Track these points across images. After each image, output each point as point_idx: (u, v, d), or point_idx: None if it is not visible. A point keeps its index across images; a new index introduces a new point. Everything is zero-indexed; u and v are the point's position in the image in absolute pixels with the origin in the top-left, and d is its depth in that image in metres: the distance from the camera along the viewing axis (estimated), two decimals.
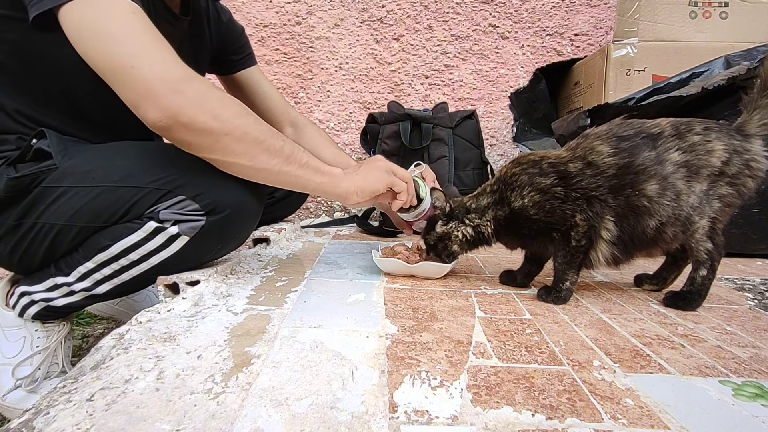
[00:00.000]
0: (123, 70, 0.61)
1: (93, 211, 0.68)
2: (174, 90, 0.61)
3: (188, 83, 0.62)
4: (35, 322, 0.77)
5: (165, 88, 0.61)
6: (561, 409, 0.41)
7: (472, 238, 0.79)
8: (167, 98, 0.61)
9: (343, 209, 1.79)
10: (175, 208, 0.68)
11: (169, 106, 0.61)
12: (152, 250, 0.70)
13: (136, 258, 0.70)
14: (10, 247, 0.72)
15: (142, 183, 0.68)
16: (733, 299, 0.77)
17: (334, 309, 0.66)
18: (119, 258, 0.70)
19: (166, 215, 0.68)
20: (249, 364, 0.48)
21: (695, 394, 0.45)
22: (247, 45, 1.10)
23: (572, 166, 0.70)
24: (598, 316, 0.67)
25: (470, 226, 0.78)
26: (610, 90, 1.34)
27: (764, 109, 0.68)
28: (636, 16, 1.33)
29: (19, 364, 0.75)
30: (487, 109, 1.77)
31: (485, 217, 0.77)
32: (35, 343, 0.76)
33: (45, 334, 0.77)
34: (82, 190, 0.68)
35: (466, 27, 1.73)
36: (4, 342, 0.76)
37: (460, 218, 0.80)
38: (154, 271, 0.71)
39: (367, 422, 0.38)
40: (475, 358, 0.51)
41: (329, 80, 1.76)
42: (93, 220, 0.69)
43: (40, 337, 0.77)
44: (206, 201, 0.68)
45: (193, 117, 0.62)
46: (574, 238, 0.69)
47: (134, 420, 0.37)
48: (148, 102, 0.61)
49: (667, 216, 0.67)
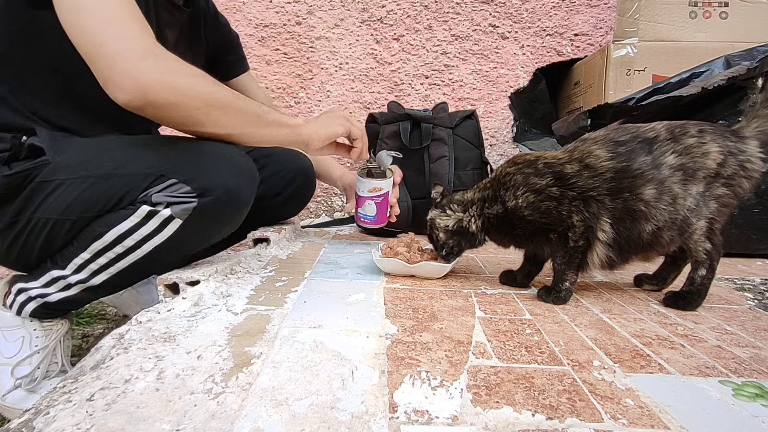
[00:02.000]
0: (93, 48, 0.63)
1: (87, 202, 0.69)
2: (138, 68, 0.62)
3: (151, 61, 0.63)
4: (33, 321, 0.77)
5: (129, 67, 0.62)
6: (561, 409, 0.41)
7: (457, 229, 0.79)
8: (132, 77, 0.62)
9: (343, 209, 1.79)
10: (167, 192, 0.69)
11: (134, 85, 0.62)
12: (146, 235, 0.70)
13: (131, 244, 0.70)
14: (7, 243, 0.73)
15: (135, 170, 0.69)
16: (733, 299, 0.77)
17: (334, 309, 0.66)
18: (114, 245, 0.70)
19: (158, 198, 0.69)
20: (249, 364, 0.48)
21: (695, 394, 0.45)
22: (241, 49, 1.12)
23: (569, 168, 0.70)
24: (598, 316, 0.67)
25: (453, 217, 0.79)
26: (610, 90, 1.34)
27: (763, 118, 0.69)
28: (636, 16, 1.33)
29: (18, 363, 0.75)
30: (487, 109, 1.77)
31: (469, 211, 0.77)
32: (34, 342, 0.76)
33: (44, 333, 0.77)
34: (75, 182, 0.69)
35: (466, 27, 1.73)
36: (3, 342, 0.76)
37: (442, 207, 0.81)
38: (149, 260, 0.72)
39: (367, 422, 0.38)
40: (475, 358, 0.51)
41: (329, 80, 1.76)
42: (87, 211, 0.69)
43: (39, 336, 0.77)
44: (198, 183, 0.69)
45: (159, 94, 0.64)
46: (572, 239, 0.69)
47: (134, 420, 0.37)
48: (115, 83, 0.63)
49: (663, 220, 0.68)
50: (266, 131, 0.78)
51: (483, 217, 0.77)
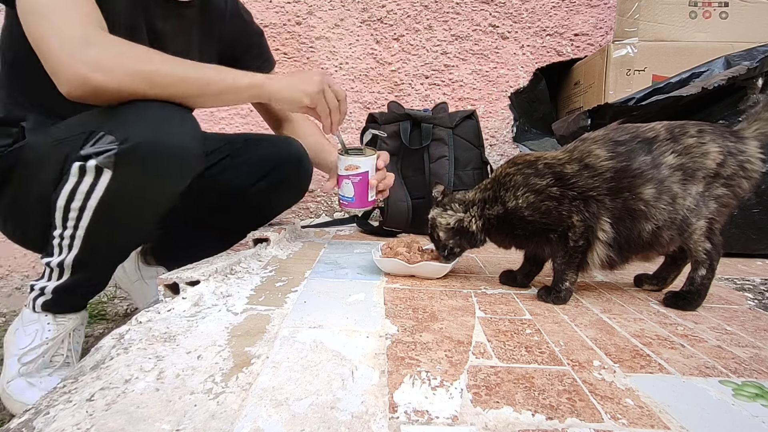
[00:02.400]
0: (37, 45, 0.66)
1: (50, 173, 0.71)
2: (74, 60, 0.64)
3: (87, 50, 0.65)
4: (48, 315, 0.79)
5: (66, 59, 0.64)
6: (561, 409, 0.41)
7: (456, 228, 0.79)
8: (69, 69, 0.64)
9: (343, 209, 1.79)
10: (95, 146, 0.69)
11: (72, 77, 0.64)
12: (86, 192, 0.70)
13: (79, 206, 0.71)
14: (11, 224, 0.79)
15: (75, 131, 0.71)
16: (733, 299, 0.77)
17: (334, 309, 0.66)
18: (68, 212, 0.71)
19: (86, 151, 0.69)
20: (249, 364, 0.48)
21: (695, 394, 0.45)
22: (261, 48, 1.11)
23: (569, 168, 0.70)
24: (598, 316, 0.67)
25: (454, 216, 0.79)
26: (610, 90, 1.34)
27: (764, 121, 0.69)
28: (636, 16, 1.33)
29: (26, 352, 0.77)
30: (487, 109, 1.77)
31: (470, 211, 0.78)
32: (45, 335, 0.79)
33: (55, 326, 0.79)
34: (38, 156, 0.73)
35: (466, 27, 1.73)
36: (21, 336, 0.79)
37: (443, 206, 0.80)
38: (107, 222, 0.72)
39: (367, 422, 0.38)
40: (475, 358, 0.51)
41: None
42: (48, 184, 0.72)
43: (51, 330, 0.79)
44: (120, 131, 0.69)
45: (97, 82, 0.65)
46: (572, 239, 0.69)
47: (134, 420, 0.37)
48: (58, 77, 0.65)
49: (663, 220, 0.68)
50: (221, 96, 0.80)
51: (483, 218, 0.77)
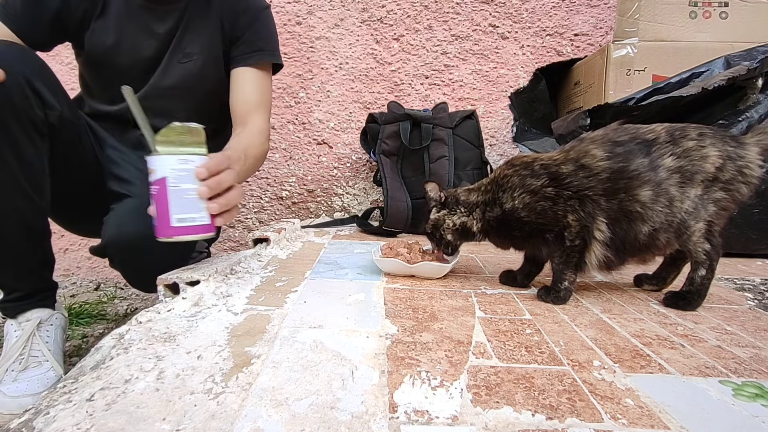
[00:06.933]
0: None
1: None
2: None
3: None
4: (10, 321, 0.80)
5: None
6: (561, 409, 0.41)
7: (461, 229, 0.79)
8: None
9: (343, 209, 1.79)
10: None
11: None
12: None
13: None
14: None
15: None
16: (733, 299, 0.77)
17: (334, 309, 0.66)
18: None
19: None
20: (249, 364, 0.48)
21: (695, 394, 0.45)
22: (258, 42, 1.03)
23: (564, 168, 0.70)
24: (598, 316, 0.67)
25: (460, 218, 0.79)
26: (610, 90, 1.34)
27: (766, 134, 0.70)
28: (636, 16, 1.32)
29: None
30: (487, 109, 1.76)
31: (473, 214, 0.78)
32: (12, 340, 0.78)
33: (20, 328, 0.79)
34: None
35: (466, 27, 1.73)
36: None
37: (451, 208, 0.80)
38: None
39: (367, 422, 0.38)
40: (475, 358, 0.51)
41: (329, 80, 1.76)
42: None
43: (17, 333, 0.79)
44: None
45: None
46: (568, 239, 0.69)
47: (134, 420, 0.37)
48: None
49: (660, 222, 0.68)
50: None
51: (484, 221, 0.77)
